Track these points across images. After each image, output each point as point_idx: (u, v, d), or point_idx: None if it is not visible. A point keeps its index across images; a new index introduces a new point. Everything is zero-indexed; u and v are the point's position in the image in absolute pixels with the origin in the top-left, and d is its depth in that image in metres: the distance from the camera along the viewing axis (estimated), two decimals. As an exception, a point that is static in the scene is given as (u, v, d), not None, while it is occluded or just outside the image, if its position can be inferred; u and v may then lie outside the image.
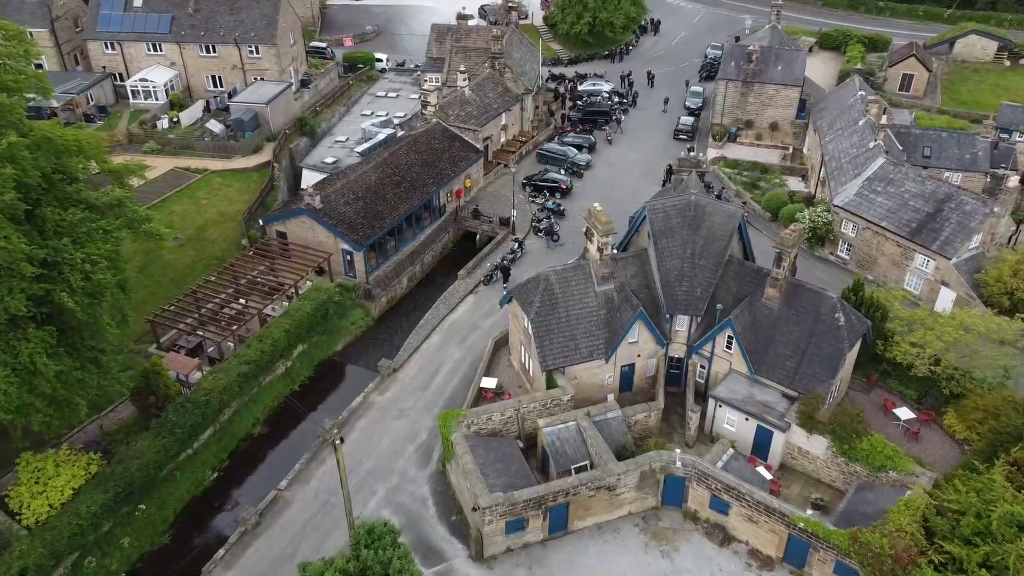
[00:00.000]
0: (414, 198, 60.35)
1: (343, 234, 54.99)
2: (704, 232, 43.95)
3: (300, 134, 72.02)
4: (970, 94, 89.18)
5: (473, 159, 66.61)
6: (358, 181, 59.10)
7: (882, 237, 55.35)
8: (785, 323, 42.27)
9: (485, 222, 64.17)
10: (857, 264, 57.85)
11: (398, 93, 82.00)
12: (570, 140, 75.87)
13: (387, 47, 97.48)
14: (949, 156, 64.61)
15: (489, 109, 72.09)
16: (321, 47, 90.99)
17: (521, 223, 63.83)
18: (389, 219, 57.86)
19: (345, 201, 57.16)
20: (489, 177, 70.55)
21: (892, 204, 55.28)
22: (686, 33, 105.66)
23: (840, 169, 60.64)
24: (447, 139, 66.54)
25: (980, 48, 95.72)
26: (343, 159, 67.62)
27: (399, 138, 66.21)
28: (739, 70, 76.31)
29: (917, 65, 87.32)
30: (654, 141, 78.01)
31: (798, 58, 75.89)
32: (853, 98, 68.44)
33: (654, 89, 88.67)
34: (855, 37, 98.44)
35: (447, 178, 63.53)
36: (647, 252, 45.62)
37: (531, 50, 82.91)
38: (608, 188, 69.21)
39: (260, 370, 46.88)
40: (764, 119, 77.47)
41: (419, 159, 63.32)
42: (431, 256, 61.85)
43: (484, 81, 74.20)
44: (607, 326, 43.55)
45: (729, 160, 72.73)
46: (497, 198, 67.86)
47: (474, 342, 51.63)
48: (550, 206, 65.61)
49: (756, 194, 67.64)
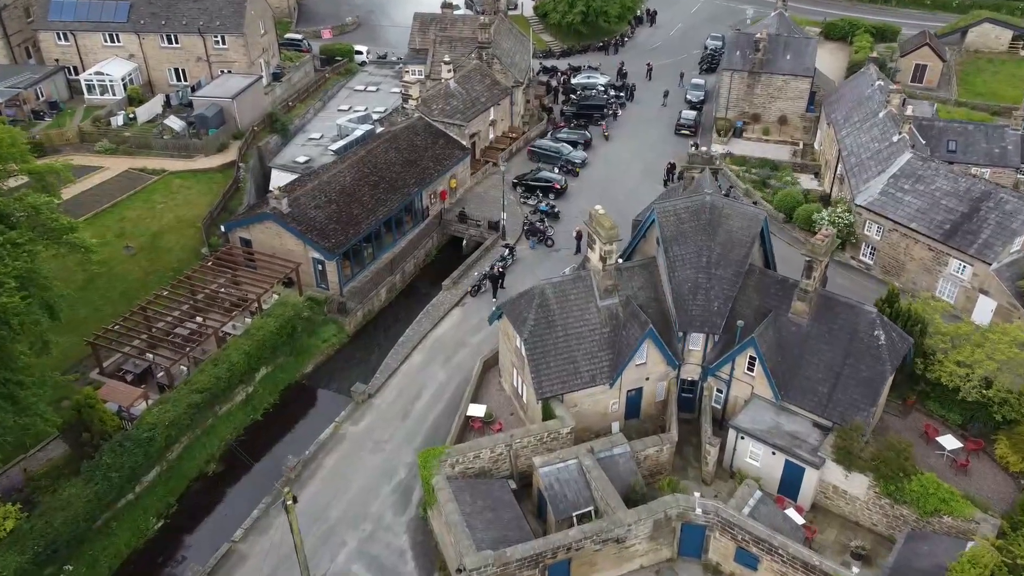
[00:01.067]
0: (394, 200, 54.65)
1: (313, 241, 49.25)
2: (721, 238, 38.44)
3: (270, 131, 66.18)
4: (986, 85, 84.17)
5: (459, 157, 60.96)
6: (331, 182, 53.35)
7: (911, 240, 50.01)
8: (816, 342, 36.80)
9: (472, 226, 58.52)
10: (882, 270, 52.51)
11: (378, 87, 76.20)
12: (564, 136, 70.29)
13: (368, 39, 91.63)
14: (976, 150, 59.38)
15: (476, 103, 66.45)
16: (297, 39, 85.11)
17: (512, 227, 58.21)
18: (365, 224, 52.14)
19: (316, 204, 51.41)
20: (477, 176, 64.91)
21: (922, 203, 49.94)
22: (683, 24, 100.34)
23: (861, 165, 55.29)
24: (430, 136, 60.85)
25: (994, 37, 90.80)
26: (316, 158, 61.84)
27: (378, 135, 60.49)
28: (745, 60, 70.93)
29: (931, 55, 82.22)
30: (654, 137, 72.55)
31: (808, 46, 70.59)
32: (870, 88, 63.13)
33: (652, 82, 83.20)
34: (862, 27, 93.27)
35: (430, 178, 57.86)
36: (656, 261, 40.11)
37: (521, 41, 77.33)
38: (606, 188, 63.67)
39: (215, 399, 41.10)
40: (772, 112, 72.12)
41: (399, 158, 57.61)
42: (413, 264, 56.16)
43: (471, 73, 68.58)
44: (611, 346, 38.00)
45: (736, 157, 67.35)
46: (486, 199, 62.22)
47: (460, 362, 45.99)
48: (543, 208, 60.01)
49: (767, 193, 62.24)
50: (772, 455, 35.97)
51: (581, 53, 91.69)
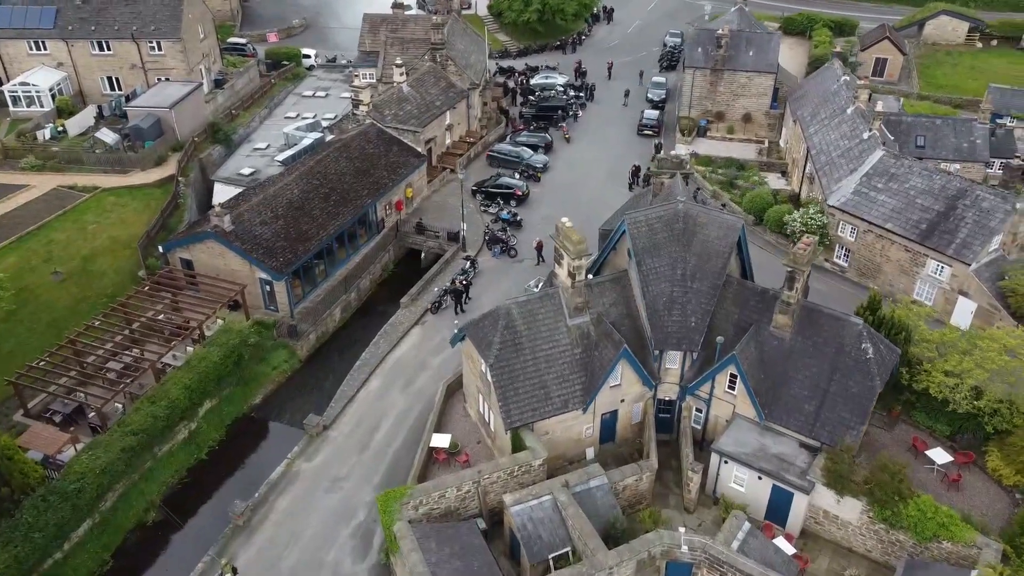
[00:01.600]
0: (346, 213, 51.38)
1: (259, 261, 45.82)
2: (697, 248, 36.04)
3: (212, 142, 62.28)
4: (946, 78, 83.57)
5: (414, 165, 57.87)
6: (278, 195, 49.90)
7: (887, 241, 48.30)
8: (800, 357, 34.60)
9: (431, 237, 55.50)
10: (858, 272, 50.75)
11: (327, 92, 72.62)
12: (524, 140, 67.60)
13: (316, 42, 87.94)
14: (945, 145, 58.10)
15: (431, 107, 63.42)
16: (241, 44, 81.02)
17: (473, 237, 55.34)
18: (316, 240, 48.82)
19: (262, 220, 47.94)
20: (434, 184, 61.88)
21: (896, 203, 48.26)
22: (641, 21, 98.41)
23: (831, 164, 53.52)
24: (383, 143, 57.66)
25: (951, 29, 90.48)
26: (262, 169, 58.17)
27: (328, 143, 57.10)
28: (707, 57, 69.01)
29: (891, 48, 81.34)
30: (617, 137, 70.26)
31: (771, 42, 68.91)
32: (836, 84, 61.53)
33: (612, 81, 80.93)
34: (820, 21, 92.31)
35: (385, 188, 54.69)
36: (628, 274, 37.58)
37: (476, 41, 74.45)
38: (570, 193, 61.14)
39: (153, 440, 37.54)
40: (736, 110, 70.34)
41: (351, 167, 54.32)
42: (369, 280, 52.92)
43: (425, 75, 65.52)
44: (584, 368, 35.38)
45: (701, 157, 65.29)
46: (444, 208, 59.25)
47: (422, 386, 42.99)
48: (505, 216, 57.22)
49: (735, 194, 60.26)
50: (758, 479, 33.69)
51: (538, 52, 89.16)
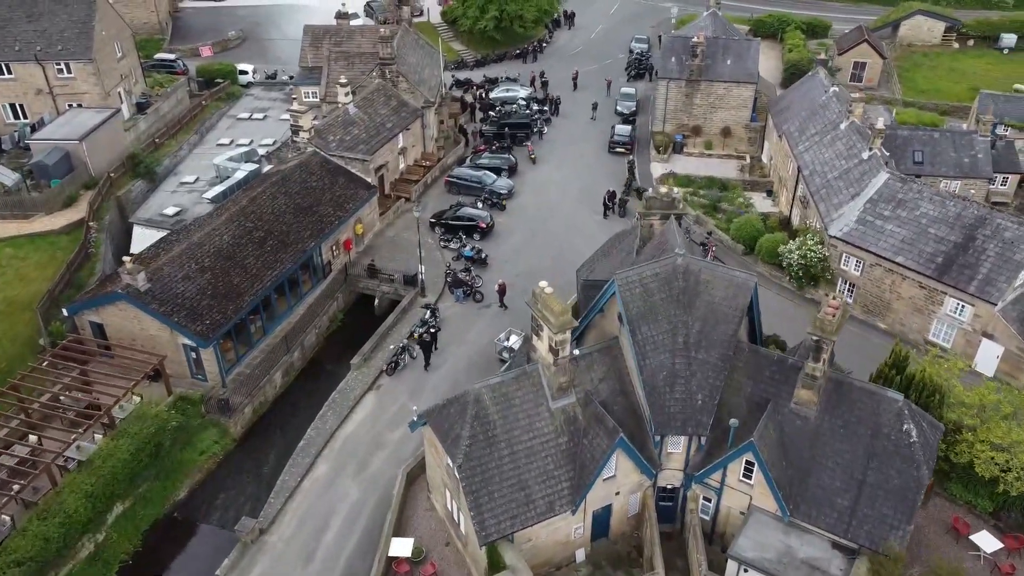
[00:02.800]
0: (286, 260, 44.70)
1: (181, 326, 38.97)
2: (701, 311, 30.23)
3: (133, 176, 54.93)
4: (927, 81, 79.39)
5: (364, 198, 51.29)
6: (205, 243, 43.02)
7: (897, 276, 43.17)
8: (830, 440, 29.02)
9: (385, 281, 49.02)
10: (864, 310, 45.59)
11: (266, 113, 65.58)
12: (486, 162, 61.39)
13: (255, 55, 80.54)
14: (945, 160, 53.39)
15: (381, 130, 56.86)
16: (170, 60, 73.45)
17: (432, 279, 49.01)
18: (250, 295, 42.08)
19: (185, 275, 41.05)
20: (387, 217, 55.34)
21: (907, 233, 43.15)
22: (604, 25, 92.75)
23: (828, 187, 48.31)
24: (328, 173, 51.00)
25: (927, 30, 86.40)
26: (189, 208, 51.14)
27: (265, 175, 50.30)
28: (682, 67, 63.52)
29: (870, 52, 76.82)
30: (587, 156, 64.46)
31: (750, 49, 63.70)
32: (824, 96, 56.47)
33: (578, 92, 75.12)
34: (792, 23, 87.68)
35: (330, 226, 48.09)
36: (619, 342, 31.67)
37: (430, 53, 68.01)
38: (539, 223, 55.14)
39: (45, 567, 30.55)
40: (714, 123, 65.03)
41: (291, 205, 47.59)
42: (315, 335, 46.29)
43: (373, 94, 58.92)
44: (571, 459, 29.38)
45: (680, 176, 59.82)
46: (399, 244, 52.77)
47: (377, 471, 36.56)
48: (467, 253, 50.95)
49: (720, 220, 54.85)
50: (786, 590, 28.05)
51: (497, 62, 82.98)
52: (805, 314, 46.44)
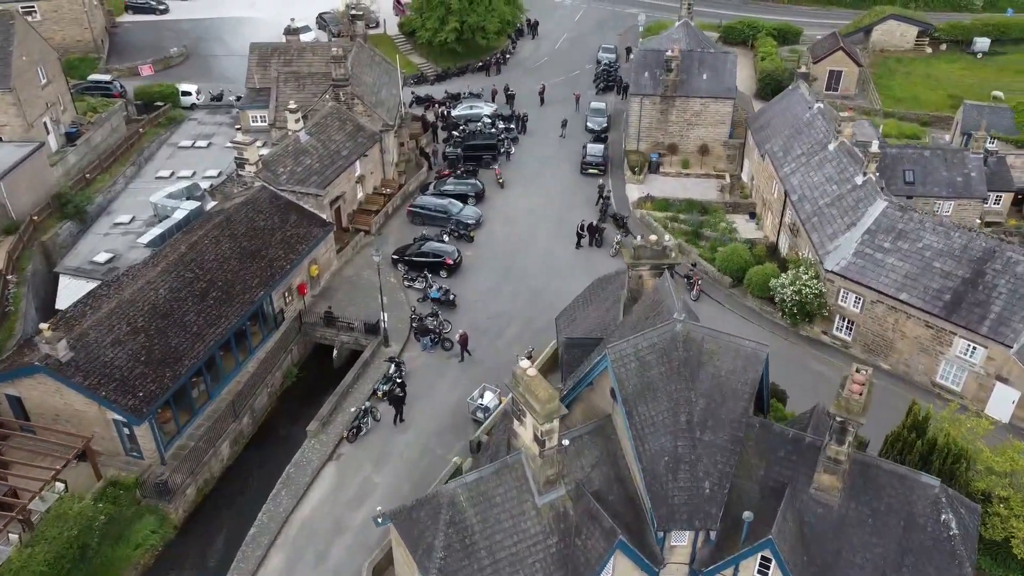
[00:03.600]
0: (231, 314, 40.07)
1: (110, 401, 34.21)
2: (706, 385, 26.43)
3: (60, 217, 49.74)
4: (902, 89, 77.00)
5: (318, 236, 46.78)
6: (138, 299, 38.21)
7: (902, 314, 39.96)
8: (857, 531, 25.42)
9: (344, 330, 44.60)
10: (864, 348, 42.36)
11: (210, 140, 60.52)
12: (451, 188, 57.19)
13: (199, 73, 75.27)
14: (937, 180, 50.57)
15: (336, 158, 52.34)
16: (105, 81, 67.91)
17: (397, 324, 44.75)
18: (191, 357, 37.40)
19: (115, 339, 36.25)
20: (345, 253, 50.86)
21: (910, 267, 39.96)
22: (569, 34, 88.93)
23: (820, 215, 45.02)
24: (278, 211, 46.40)
25: (900, 35, 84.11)
26: (124, 254, 46.18)
27: (208, 215, 45.58)
28: (655, 82, 59.95)
29: (845, 60, 74.12)
30: (558, 178, 60.58)
31: (727, 63, 60.32)
32: (808, 113, 53.26)
33: (545, 107, 71.20)
34: (763, 29, 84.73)
35: (282, 272, 43.54)
36: (613, 421, 27.78)
37: (387, 70, 63.53)
38: (510, 257, 51.15)
39: None
40: (691, 141, 61.60)
41: (236, 249, 42.93)
42: (267, 395, 41.75)
43: (327, 119, 54.35)
44: (562, 564, 25.40)
45: (658, 200, 56.24)
46: (359, 285, 48.38)
47: (339, 563, 32.28)
48: (434, 294, 46.73)
49: (703, 248, 51.35)
50: None
51: (458, 76, 78.70)
52: (801, 354, 43.27)
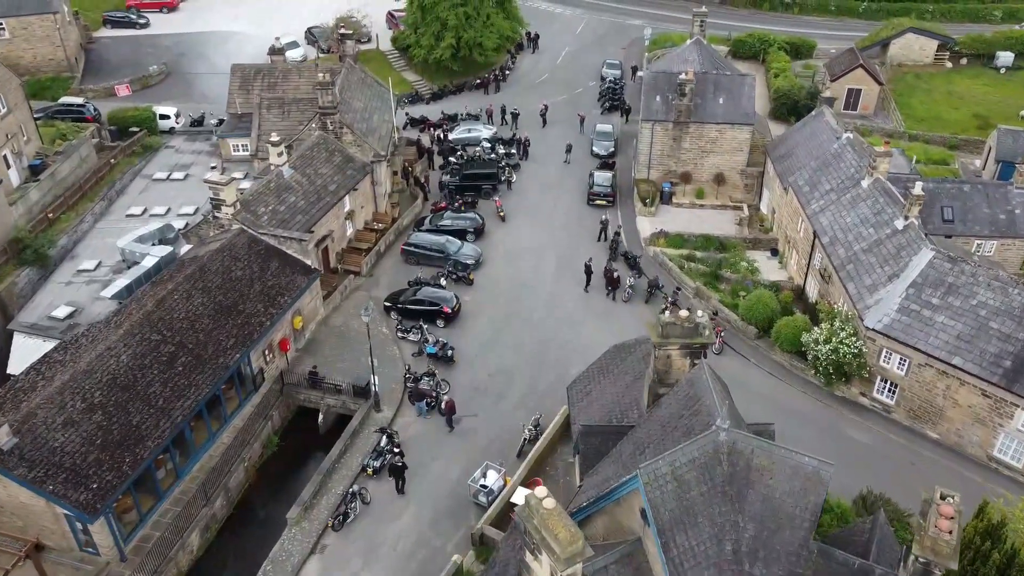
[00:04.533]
0: (203, 382, 35.69)
1: (59, 496, 29.80)
2: (757, 508, 22.12)
3: (18, 263, 45.33)
4: (924, 107, 72.89)
5: (303, 285, 42.43)
6: (96, 369, 33.81)
7: (954, 379, 35.74)
8: None
9: (330, 391, 40.24)
10: (909, 414, 38.10)
11: (188, 171, 56.04)
12: (448, 223, 52.82)
13: (180, 94, 70.93)
14: (978, 218, 46.40)
15: (324, 194, 48.04)
16: (77, 104, 63.47)
17: (389, 383, 40.43)
18: (155, 437, 33.01)
19: (67, 419, 31.86)
20: (333, 299, 46.52)
21: (963, 327, 35.72)
22: (571, 47, 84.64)
23: (856, 261, 40.77)
24: (258, 258, 42.04)
25: (918, 48, 79.95)
26: (86, 307, 41.76)
27: (179, 264, 41.21)
28: (668, 107, 55.67)
29: (865, 78, 70.02)
30: (563, 210, 56.31)
31: (744, 86, 56.02)
32: (836, 143, 49.04)
33: (547, 128, 66.97)
34: (775, 43, 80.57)
35: (261, 329, 39.18)
36: (644, 546, 23.44)
37: (379, 93, 59.18)
38: (515, 303, 46.82)
39: None
40: (706, 170, 57.31)
41: (210, 304, 38.54)
42: (243, 470, 37.35)
43: (313, 150, 50.00)
44: None
45: (672, 236, 51.98)
46: (348, 336, 44.06)
47: None
48: (431, 349, 42.37)
49: (723, 292, 47.09)
50: None
51: (455, 94, 74.41)
52: (836, 418, 38.98)
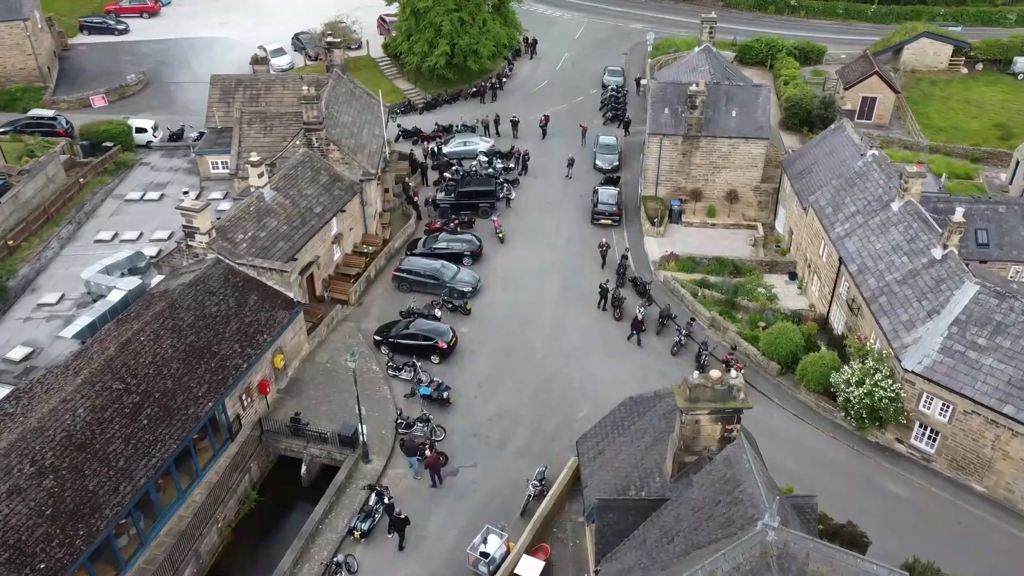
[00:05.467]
0: (171, 437, 31.99)
1: (-1, 581, 26.19)
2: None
3: (-26, 297, 41.75)
4: (941, 116, 69.61)
5: (284, 321, 38.76)
6: (48, 426, 30.07)
7: (1004, 429, 32.28)
8: None
9: (313, 440, 36.56)
10: (951, 464, 34.61)
11: (163, 190, 52.32)
12: (443, 246, 49.20)
13: (160, 104, 67.31)
14: (1016, 241, 43.13)
15: (309, 217, 44.40)
16: (47, 117, 59.70)
17: (379, 428, 36.80)
18: (115, 504, 29.32)
19: (13, 485, 28.13)
20: (319, 332, 42.87)
21: (1013, 371, 32.24)
22: (571, 53, 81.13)
23: (890, 293, 37.30)
24: (235, 292, 38.36)
25: (933, 54, 76.75)
26: (46, 347, 38.04)
27: (148, 299, 37.52)
28: (677, 120, 52.20)
29: (880, 85, 66.69)
30: (566, 230, 52.77)
31: (758, 98, 52.55)
32: (860, 161, 45.58)
33: (548, 140, 63.47)
34: (783, 48, 77.26)
35: (238, 371, 35.50)
36: (675, 664, 19.90)
37: (369, 105, 55.53)
38: (515, 334, 43.24)
39: None
40: (717, 187, 53.86)
41: (181, 346, 34.82)
42: (216, 533, 33.64)
43: (297, 169, 46.35)
44: None
45: (683, 259, 48.47)
46: (334, 375, 40.38)
47: None
48: (424, 390, 38.73)
49: (740, 323, 43.59)
50: None
51: (450, 103, 70.93)
52: (871, 468, 35.44)
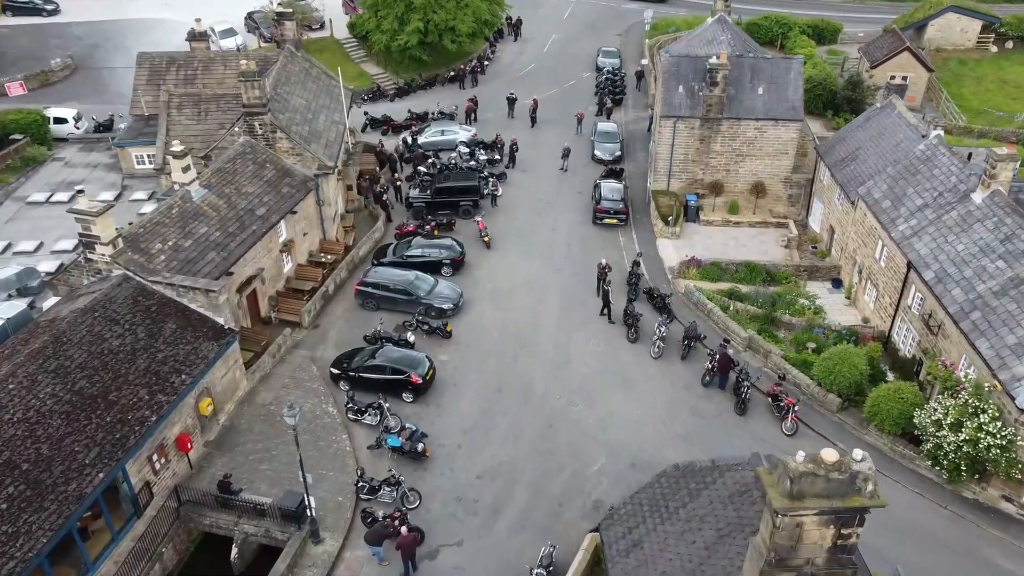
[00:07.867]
0: (45, 523, 23.21)
1: None
2: None
3: None
4: (976, 98, 62.43)
5: (212, 355, 30.04)
6: None
7: None
8: None
9: (247, 514, 27.81)
10: (1083, 532, 26.60)
11: (75, 191, 43.35)
12: (418, 254, 40.60)
13: (87, 92, 58.28)
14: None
15: (250, 220, 35.72)
16: (-49, 107, 50.57)
17: (332, 498, 28.18)
18: (-54, 633, 20.62)
19: None
20: (262, 365, 34.15)
21: None
22: (558, 34, 73.01)
23: (985, 308, 29.23)
24: (146, 318, 29.61)
25: (960, 30, 69.45)
26: None
27: (33, 327, 28.74)
28: (694, 100, 44.00)
29: (912, 63, 59.25)
30: (563, 231, 44.51)
31: (790, 72, 44.39)
32: (923, 144, 37.55)
33: (537, 129, 55.23)
34: (795, 26, 69.62)
35: (144, 425, 26.74)
36: None
37: (328, 87, 46.86)
38: (507, 364, 34.72)
39: None
40: (741, 178, 45.75)
41: (66, 394, 26.02)
42: (112, 650, 24.99)
43: (235, 162, 37.66)
44: None
45: (706, 267, 40.27)
46: (279, 422, 31.43)
47: None
48: (393, 441, 30.06)
49: (784, 344, 35.39)
50: None
51: (425, 89, 62.51)
52: (966, 532, 27.29)
